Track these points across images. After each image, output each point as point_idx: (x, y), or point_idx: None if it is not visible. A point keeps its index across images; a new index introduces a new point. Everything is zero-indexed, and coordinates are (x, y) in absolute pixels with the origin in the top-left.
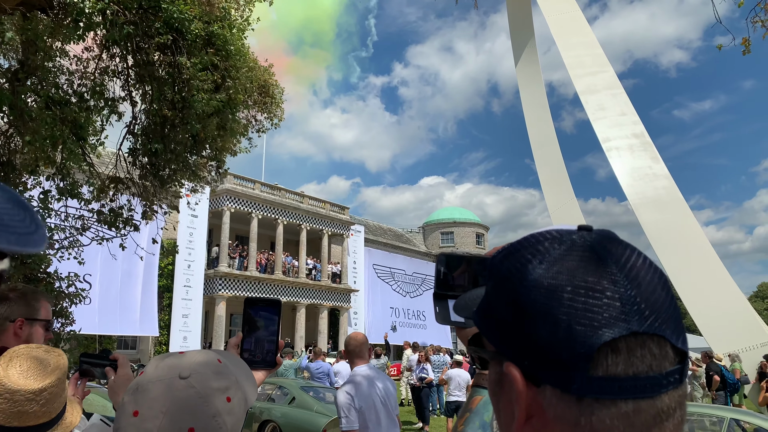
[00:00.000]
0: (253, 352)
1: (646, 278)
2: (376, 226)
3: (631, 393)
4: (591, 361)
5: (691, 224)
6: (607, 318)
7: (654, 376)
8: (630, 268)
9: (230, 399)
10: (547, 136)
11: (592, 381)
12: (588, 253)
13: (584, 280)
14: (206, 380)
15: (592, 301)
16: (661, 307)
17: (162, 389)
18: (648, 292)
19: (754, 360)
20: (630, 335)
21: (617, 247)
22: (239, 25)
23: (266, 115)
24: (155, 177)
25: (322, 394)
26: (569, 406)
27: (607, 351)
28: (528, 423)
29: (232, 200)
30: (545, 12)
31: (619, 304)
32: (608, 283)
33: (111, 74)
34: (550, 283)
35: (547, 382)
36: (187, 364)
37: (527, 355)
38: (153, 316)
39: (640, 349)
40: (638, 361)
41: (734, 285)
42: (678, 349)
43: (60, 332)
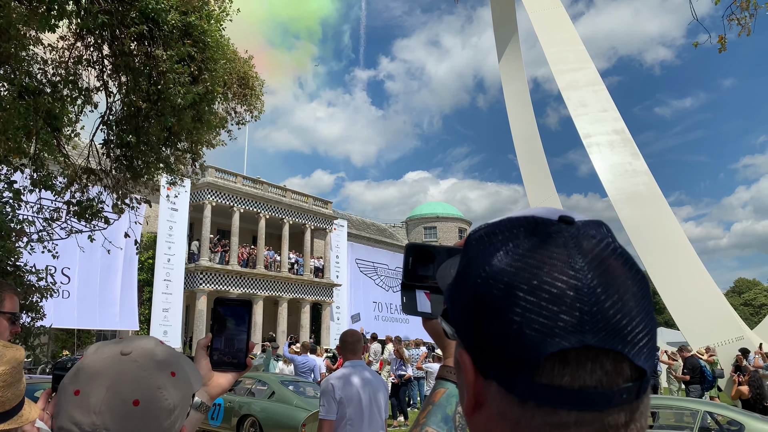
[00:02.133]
0: (222, 353)
1: (618, 287)
2: (359, 220)
3: (575, 405)
4: (536, 368)
5: (670, 220)
6: (561, 327)
7: (603, 391)
8: (602, 273)
9: (174, 374)
10: (530, 132)
11: (535, 387)
12: (557, 252)
13: (545, 282)
14: (149, 355)
15: (548, 306)
16: (627, 322)
17: (103, 365)
18: (615, 304)
19: (730, 354)
20: (582, 348)
21: (595, 247)
22: (217, 16)
23: (246, 107)
24: (128, 169)
25: (302, 388)
26: (511, 405)
27: (555, 361)
28: (477, 410)
29: (214, 194)
30: (528, 8)
31: (578, 314)
32: (570, 289)
33: (86, 64)
34: (510, 279)
35: (493, 378)
36: (129, 344)
37: (479, 347)
38: (133, 310)
39: (590, 363)
40: (587, 375)
41: (711, 280)
42: (637, 367)
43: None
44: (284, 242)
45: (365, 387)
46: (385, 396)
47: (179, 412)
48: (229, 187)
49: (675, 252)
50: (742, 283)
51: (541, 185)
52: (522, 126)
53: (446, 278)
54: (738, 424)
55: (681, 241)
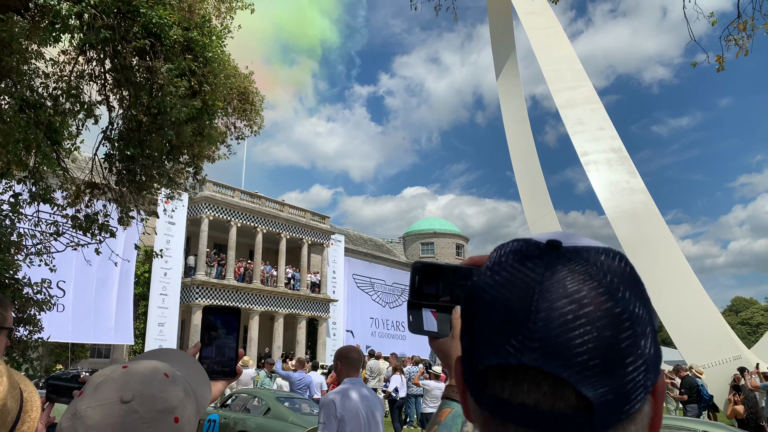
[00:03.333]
0: (212, 361)
1: (575, 316)
2: (356, 235)
3: (519, 421)
4: (483, 380)
5: (667, 238)
6: (505, 344)
7: (543, 412)
8: (559, 299)
9: (179, 419)
10: (527, 149)
11: (487, 398)
12: (527, 275)
13: (504, 300)
14: (151, 402)
15: (498, 323)
16: (575, 349)
17: (102, 415)
18: (567, 332)
19: (727, 373)
20: (521, 366)
21: (566, 274)
22: (218, 32)
23: (246, 122)
24: (132, 183)
25: (298, 404)
26: (477, 413)
27: (497, 375)
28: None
29: (211, 208)
30: (526, 27)
31: (522, 335)
32: (523, 310)
33: (87, 78)
34: (480, 295)
35: (468, 387)
36: (130, 384)
37: (463, 355)
38: (128, 324)
39: (527, 383)
40: (524, 393)
41: (708, 299)
42: (582, 397)
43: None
44: (281, 257)
45: (364, 404)
46: (382, 414)
47: None
48: (226, 201)
49: (672, 270)
50: (739, 301)
51: (538, 202)
52: (520, 143)
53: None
54: None
55: (678, 260)
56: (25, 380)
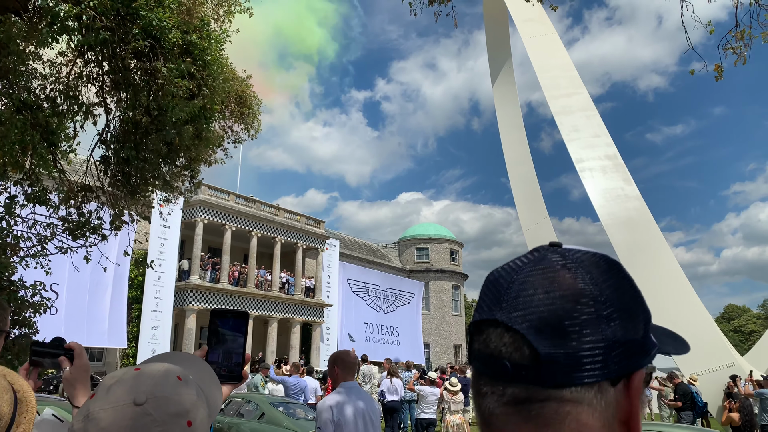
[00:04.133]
0: (219, 366)
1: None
2: (351, 240)
3: (484, 371)
4: (470, 335)
5: (661, 245)
6: (484, 305)
7: (501, 362)
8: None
9: (191, 423)
10: (522, 156)
11: (470, 352)
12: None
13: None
14: (164, 405)
15: (490, 293)
16: (537, 312)
17: (114, 418)
18: (535, 299)
19: (720, 380)
20: (491, 322)
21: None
22: (217, 36)
23: (243, 126)
24: (126, 185)
25: (293, 409)
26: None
27: (475, 329)
28: None
29: (206, 211)
30: (522, 34)
31: (501, 299)
32: (506, 282)
33: (85, 80)
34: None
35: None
36: (143, 386)
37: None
38: (122, 327)
39: (495, 335)
40: (491, 343)
41: (702, 306)
42: (534, 350)
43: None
44: (276, 261)
45: (360, 409)
46: (378, 418)
47: None
48: (221, 205)
49: (666, 277)
50: (732, 309)
51: (533, 209)
52: (515, 150)
53: None
54: None
55: (672, 267)
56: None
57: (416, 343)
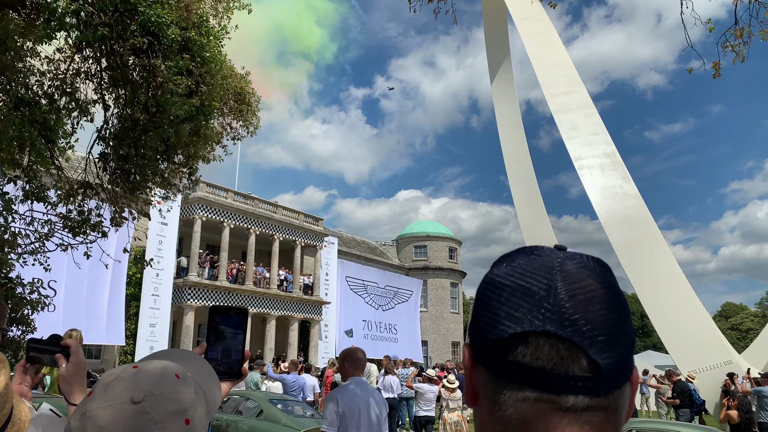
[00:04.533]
0: (218, 363)
1: (585, 297)
2: (349, 238)
3: (535, 384)
4: (504, 347)
5: (659, 243)
6: (528, 315)
7: (557, 374)
8: (573, 283)
9: (189, 421)
10: (521, 154)
11: (504, 365)
12: (541, 264)
13: (523, 282)
14: (162, 404)
15: (521, 300)
16: (586, 321)
17: (111, 416)
18: (580, 308)
19: (718, 378)
20: (542, 333)
21: (575, 268)
22: (216, 32)
23: (241, 122)
24: (125, 182)
25: (291, 407)
26: (492, 384)
27: (519, 341)
28: (476, 401)
29: (204, 209)
30: (521, 31)
31: (543, 308)
32: (544, 290)
33: (83, 76)
34: (498, 280)
35: (480, 362)
36: (141, 384)
37: (473, 337)
38: (120, 324)
39: (548, 348)
40: (544, 357)
41: (700, 304)
42: (592, 360)
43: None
44: (274, 258)
45: (368, 403)
46: (385, 412)
47: None
48: (219, 202)
49: (664, 275)
50: (729, 307)
51: (531, 206)
52: (513, 148)
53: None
54: None
55: (670, 265)
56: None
57: (414, 340)
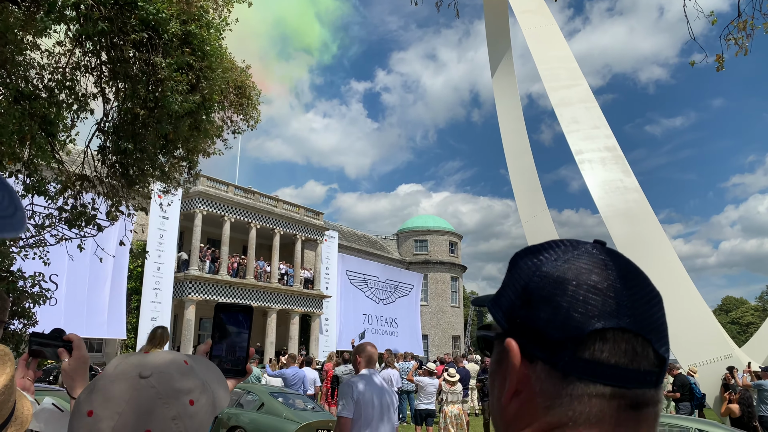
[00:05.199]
0: (222, 360)
1: (643, 292)
2: (350, 232)
3: (610, 379)
4: (580, 344)
5: (660, 237)
6: (602, 311)
7: (632, 369)
8: (632, 280)
9: (194, 402)
10: (522, 148)
11: (578, 361)
12: (597, 260)
13: (589, 279)
14: (168, 381)
15: (591, 296)
16: (650, 318)
17: (120, 388)
18: (642, 303)
19: (718, 372)
20: (618, 329)
21: (625, 264)
22: (216, 25)
23: (242, 116)
24: (123, 176)
25: (292, 400)
26: (554, 381)
27: (596, 338)
28: (516, 397)
29: (205, 203)
30: (522, 24)
31: (615, 304)
32: (609, 286)
33: (83, 70)
34: (558, 276)
35: (540, 358)
36: (149, 364)
37: (527, 334)
38: (121, 318)
39: (625, 344)
40: (621, 353)
41: (700, 298)
42: (659, 354)
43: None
44: (274, 252)
45: (380, 392)
46: (395, 402)
47: None
48: (220, 196)
49: (665, 269)
50: (730, 301)
51: (532, 200)
52: (514, 141)
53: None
54: None
55: (671, 259)
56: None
57: (415, 334)
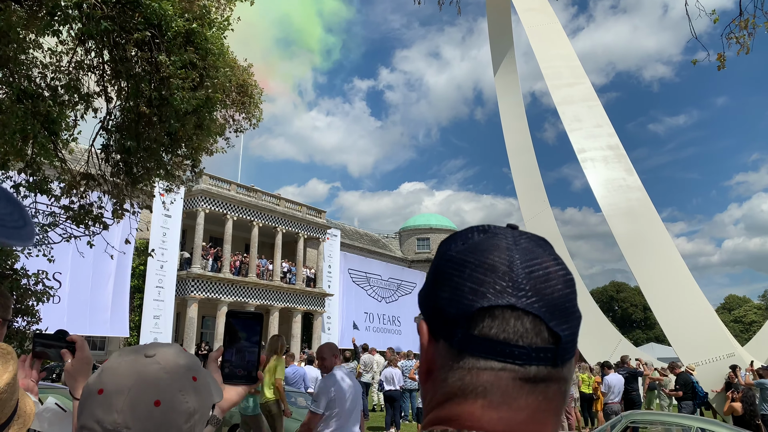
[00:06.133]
0: (234, 366)
1: (542, 272)
2: (352, 230)
3: (499, 355)
4: (471, 321)
5: (663, 236)
6: (493, 290)
7: (522, 346)
8: (532, 260)
9: (196, 378)
10: (524, 146)
11: (469, 338)
12: (500, 242)
13: (486, 259)
14: (172, 358)
15: (484, 276)
16: (546, 296)
17: (127, 367)
18: (539, 282)
19: (721, 370)
20: (507, 307)
21: (531, 245)
22: (219, 24)
23: (244, 115)
24: (127, 175)
25: (294, 398)
26: (451, 357)
27: (485, 315)
28: (429, 377)
29: (207, 201)
30: (525, 23)
31: (507, 283)
32: (503, 266)
33: (86, 69)
34: (459, 257)
35: (441, 336)
36: (153, 347)
37: (432, 313)
38: (124, 316)
39: (514, 321)
40: (510, 329)
41: (703, 297)
42: (553, 332)
43: (25, 331)
44: (277, 251)
45: (352, 388)
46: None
47: (199, 418)
48: (222, 194)
49: (667, 267)
50: (733, 299)
51: (534, 199)
52: (517, 140)
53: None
54: None
55: (673, 257)
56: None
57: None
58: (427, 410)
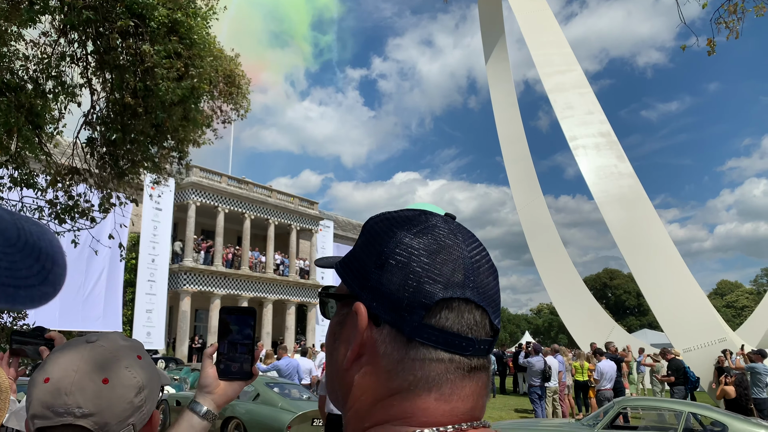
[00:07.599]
0: (228, 362)
1: (486, 265)
2: (345, 221)
3: (451, 346)
4: (429, 311)
5: (655, 222)
6: (451, 281)
7: (472, 338)
8: (478, 254)
9: (141, 357)
10: (517, 134)
11: (424, 327)
12: (450, 233)
13: (442, 250)
14: (114, 341)
15: (443, 267)
16: (489, 290)
17: (70, 352)
18: (484, 276)
19: (712, 355)
20: (463, 299)
21: (472, 237)
22: (204, 13)
23: (232, 106)
24: (114, 167)
25: (288, 390)
26: (399, 345)
27: (443, 306)
28: (357, 361)
29: (198, 193)
30: (515, 10)
31: (462, 275)
32: (458, 258)
33: (69, 60)
34: (415, 245)
35: (387, 321)
36: (93, 335)
37: (378, 298)
38: (117, 311)
39: (467, 313)
40: (464, 322)
41: (695, 282)
42: (494, 325)
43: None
44: (269, 243)
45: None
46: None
47: (148, 393)
48: (213, 187)
49: (660, 254)
50: (725, 285)
51: (527, 187)
52: (509, 128)
53: (330, 261)
54: (721, 425)
55: (666, 244)
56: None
57: None
58: (363, 402)
